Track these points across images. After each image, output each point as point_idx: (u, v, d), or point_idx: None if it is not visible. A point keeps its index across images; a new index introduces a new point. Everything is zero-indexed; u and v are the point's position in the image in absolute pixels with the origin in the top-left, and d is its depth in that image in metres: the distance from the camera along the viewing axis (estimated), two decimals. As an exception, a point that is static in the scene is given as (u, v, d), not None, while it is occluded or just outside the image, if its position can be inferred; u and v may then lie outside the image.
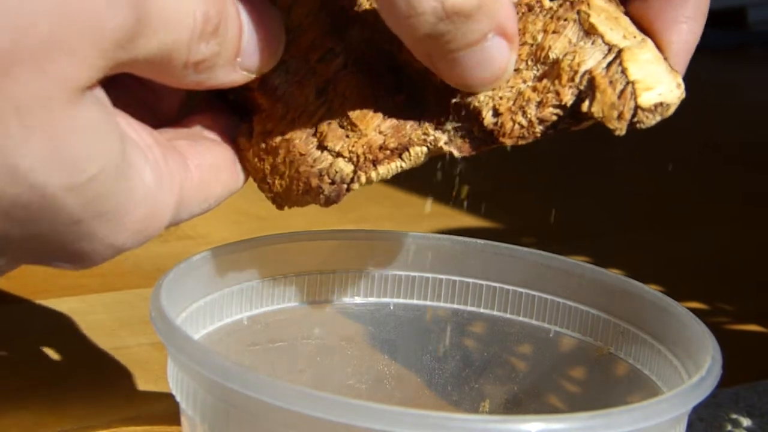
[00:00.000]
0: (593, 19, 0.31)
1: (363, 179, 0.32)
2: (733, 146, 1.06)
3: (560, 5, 0.32)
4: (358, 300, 0.39)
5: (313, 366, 0.39)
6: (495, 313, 0.39)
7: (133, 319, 0.50)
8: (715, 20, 1.80)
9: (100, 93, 0.27)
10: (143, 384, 0.44)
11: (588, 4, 0.31)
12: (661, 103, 0.30)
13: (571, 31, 0.31)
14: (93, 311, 0.51)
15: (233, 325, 0.37)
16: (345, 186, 0.32)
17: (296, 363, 0.39)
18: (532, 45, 0.31)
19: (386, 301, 0.39)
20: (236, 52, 0.29)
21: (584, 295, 0.38)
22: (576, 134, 0.31)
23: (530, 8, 0.32)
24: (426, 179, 0.82)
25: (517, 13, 0.31)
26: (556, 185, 0.86)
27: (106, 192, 0.27)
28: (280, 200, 0.33)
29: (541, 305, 0.38)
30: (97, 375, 0.45)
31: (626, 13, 0.32)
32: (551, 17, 0.31)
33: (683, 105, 0.31)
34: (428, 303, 0.40)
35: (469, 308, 0.39)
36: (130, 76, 0.28)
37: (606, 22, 0.31)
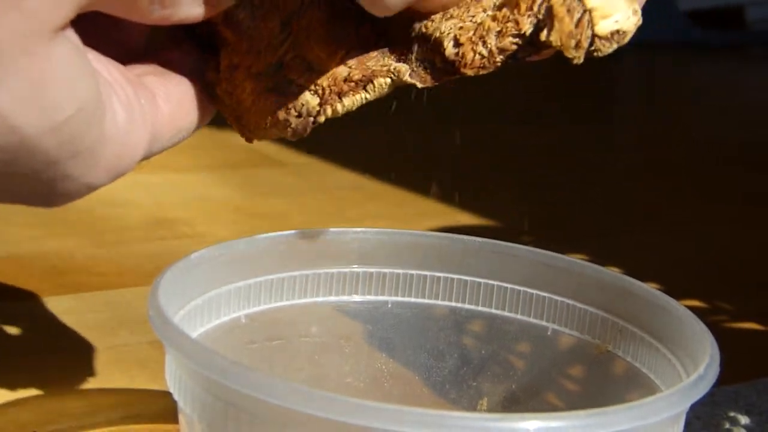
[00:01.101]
0: None
1: (329, 111, 0.32)
2: (733, 146, 1.06)
3: None
4: (356, 298, 0.39)
5: (311, 364, 0.39)
6: (493, 311, 0.39)
7: (131, 318, 0.50)
8: (714, 19, 1.81)
9: (72, 33, 0.27)
10: (141, 382, 0.44)
11: None
12: (617, 31, 0.30)
13: None
14: (91, 309, 0.51)
15: (231, 323, 0.37)
16: (311, 119, 0.32)
17: (294, 361, 0.39)
18: None
19: (384, 299, 0.39)
20: None
21: (583, 293, 0.38)
22: (576, 134, 0.31)
23: None
24: (425, 178, 0.82)
25: None
26: (556, 184, 0.86)
27: (81, 132, 0.27)
28: (249, 134, 0.33)
29: (539, 303, 0.38)
30: (95, 373, 0.45)
31: None
32: None
33: (683, 104, 0.31)
34: (426, 301, 0.40)
35: (468, 306, 0.39)
36: (97, 13, 0.28)
37: None
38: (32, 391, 0.43)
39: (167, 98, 0.31)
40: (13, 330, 0.48)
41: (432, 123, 0.97)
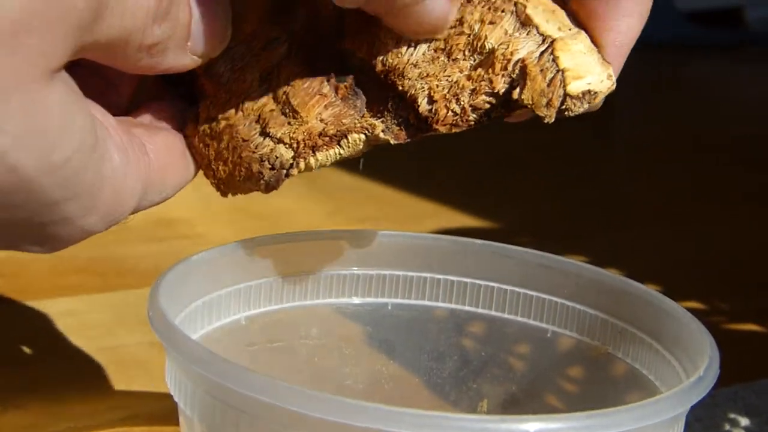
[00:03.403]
0: (529, 11, 0.32)
1: (302, 165, 0.32)
2: (731, 145, 1.06)
3: None
4: (356, 300, 0.39)
5: (311, 366, 0.39)
6: (493, 313, 0.39)
7: (131, 319, 0.50)
8: (713, 19, 1.80)
9: (67, 76, 0.27)
10: (141, 384, 0.44)
11: None
12: (589, 91, 0.31)
13: (508, 22, 0.32)
14: (91, 311, 0.51)
15: (231, 325, 0.37)
16: (284, 171, 0.32)
17: (294, 363, 0.39)
18: (469, 35, 0.32)
19: (384, 301, 0.39)
20: (186, 36, 0.30)
21: (582, 295, 0.38)
22: (576, 133, 0.32)
23: None
24: (425, 179, 0.82)
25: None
26: (555, 185, 0.86)
27: (79, 173, 0.27)
28: (224, 186, 0.34)
29: (539, 305, 0.38)
30: (95, 374, 0.45)
31: (565, 8, 0.33)
32: (489, 8, 0.32)
33: (683, 104, 0.31)
34: (426, 303, 0.40)
35: (467, 308, 0.39)
36: (83, 67, 0.28)
37: (542, 14, 0.32)
38: (32, 392, 0.43)
39: (156, 151, 0.31)
40: (13, 330, 0.48)
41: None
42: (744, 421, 0.44)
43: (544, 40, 0.31)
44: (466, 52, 0.32)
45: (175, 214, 0.67)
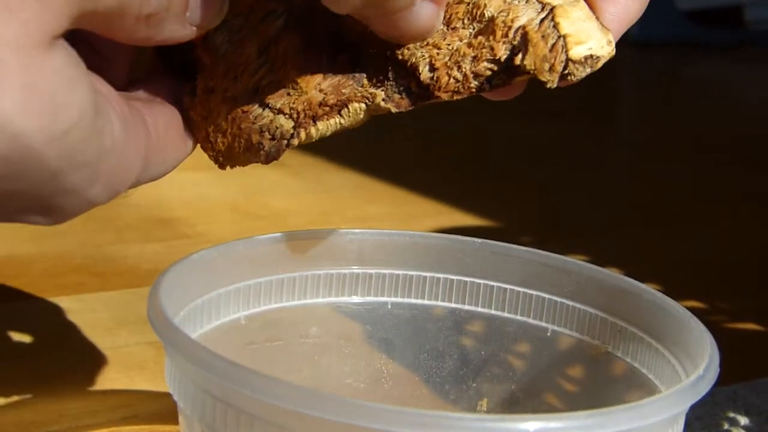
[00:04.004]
0: None
1: (303, 135, 0.32)
2: (731, 145, 1.06)
3: None
4: (355, 299, 0.39)
5: (311, 365, 0.39)
6: (493, 312, 0.39)
7: (131, 318, 0.50)
8: (712, 19, 1.80)
9: (67, 44, 0.27)
10: (141, 383, 0.44)
11: None
12: (591, 56, 0.31)
13: None
14: (91, 310, 0.51)
15: (231, 324, 0.37)
16: (285, 142, 0.32)
17: (294, 362, 0.39)
18: (468, 4, 0.32)
19: (384, 300, 0.39)
20: (184, 7, 0.30)
21: (582, 294, 0.38)
22: (576, 133, 0.32)
23: None
24: (425, 179, 0.82)
25: None
26: (555, 184, 0.86)
27: (82, 143, 0.27)
28: (223, 159, 0.34)
29: (538, 304, 0.38)
30: (95, 374, 0.45)
31: None
32: None
33: (683, 103, 0.31)
34: (426, 302, 0.40)
35: (467, 307, 0.39)
36: (81, 42, 0.28)
37: None
38: (32, 392, 0.43)
39: (155, 125, 0.31)
40: (13, 330, 0.48)
41: (432, 122, 0.97)
42: (743, 420, 0.44)
43: (543, 8, 0.32)
44: (466, 21, 0.32)
45: (175, 214, 0.67)
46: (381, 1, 0.30)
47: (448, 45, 0.32)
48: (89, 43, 0.30)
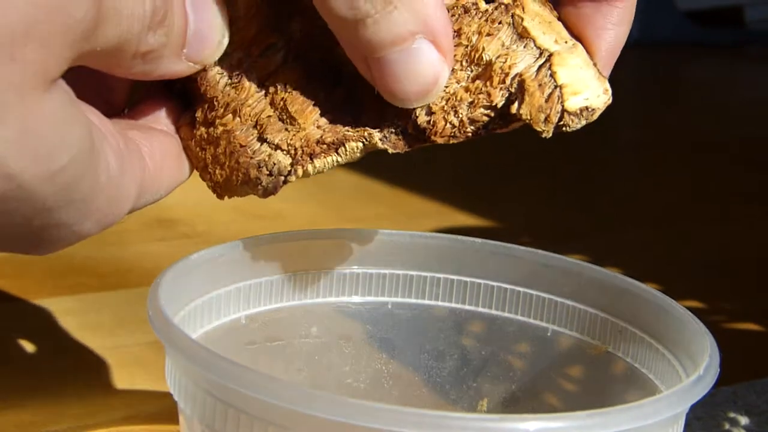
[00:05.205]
0: (527, 23, 0.32)
1: (300, 172, 0.32)
2: (731, 145, 1.06)
3: (495, 8, 0.32)
4: (356, 299, 0.39)
5: (311, 365, 0.39)
6: (493, 312, 0.39)
7: (131, 318, 0.50)
8: (713, 19, 1.80)
9: (65, 85, 0.27)
10: (141, 383, 0.44)
11: (522, 8, 0.32)
12: (586, 108, 0.31)
13: (505, 34, 0.32)
14: (91, 310, 0.51)
15: (231, 324, 0.37)
16: (282, 178, 0.32)
17: (294, 362, 0.39)
18: (467, 46, 0.32)
19: (384, 299, 0.39)
20: (182, 44, 0.30)
21: (582, 293, 0.38)
22: (575, 133, 0.32)
23: (467, 10, 0.33)
24: (425, 179, 0.82)
25: (454, 15, 0.32)
26: (555, 184, 0.86)
27: (76, 180, 0.27)
28: (220, 190, 0.34)
29: (539, 304, 0.38)
30: (95, 374, 0.45)
31: (559, 19, 0.33)
32: (486, 20, 0.32)
33: (683, 103, 0.31)
34: (426, 302, 0.40)
35: (467, 307, 0.39)
36: (82, 71, 0.28)
37: (539, 26, 0.32)
38: (32, 392, 0.43)
39: (151, 154, 0.31)
40: (13, 330, 0.48)
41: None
42: (744, 420, 0.44)
43: (541, 54, 0.32)
44: (464, 63, 0.32)
45: (175, 214, 0.67)
46: (365, 14, 0.29)
47: (446, 88, 0.32)
48: (86, 67, 0.30)
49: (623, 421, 0.27)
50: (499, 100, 0.31)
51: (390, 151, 0.32)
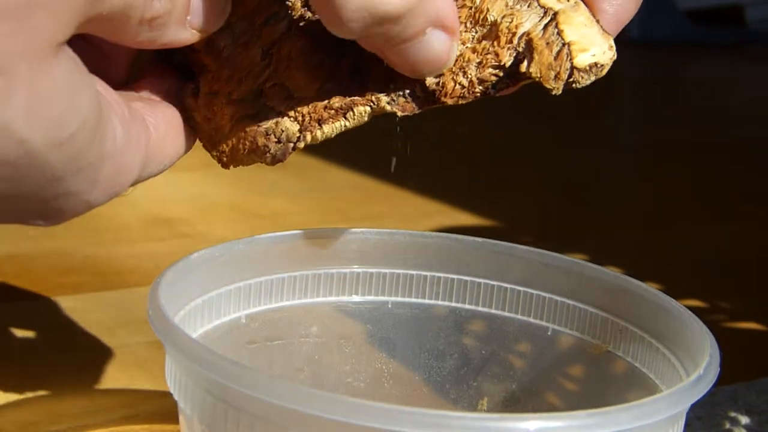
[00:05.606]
0: None
1: (308, 138, 0.32)
2: (731, 145, 1.06)
3: None
4: (356, 298, 0.39)
5: (311, 364, 0.39)
6: (493, 311, 0.39)
7: (131, 318, 0.50)
8: (713, 18, 1.80)
9: (71, 51, 0.27)
10: (141, 383, 0.44)
11: None
12: (595, 64, 0.31)
13: None
14: (91, 310, 0.51)
15: (231, 323, 0.37)
16: (291, 145, 0.32)
17: (294, 361, 0.39)
18: (471, 8, 0.32)
19: (384, 299, 0.39)
20: (186, 11, 0.30)
21: (583, 293, 0.38)
22: (576, 133, 0.32)
23: None
24: (426, 178, 0.82)
25: None
26: (555, 184, 0.86)
27: (85, 147, 0.28)
28: (226, 159, 0.34)
29: (539, 303, 0.38)
30: (95, 373, 0.45)
31: None
32: None
33: (683, 103, 0.32)
34: (426, 301, 0.40)
35: (468, 306, 0.39)
36: (82, 40, 0.29)
37: None
38: (32, 391, 0.43)
39: (156, 125, 0.32)
40: (13, 330, 0.48)
41: (432, 122, 0.97)
42: (744, 420, 0.44)
43: (545, 12, 0.32)
44: (468, 24, 0.32)
45: (175, 214, 0.67)
46: (385, 28, 0.29)
47: None
48: (89, 41, 0.30)
49: (623, 420, 0.27)
50: (507, 59, 0.32)
51: (399, 113, 0.32)
